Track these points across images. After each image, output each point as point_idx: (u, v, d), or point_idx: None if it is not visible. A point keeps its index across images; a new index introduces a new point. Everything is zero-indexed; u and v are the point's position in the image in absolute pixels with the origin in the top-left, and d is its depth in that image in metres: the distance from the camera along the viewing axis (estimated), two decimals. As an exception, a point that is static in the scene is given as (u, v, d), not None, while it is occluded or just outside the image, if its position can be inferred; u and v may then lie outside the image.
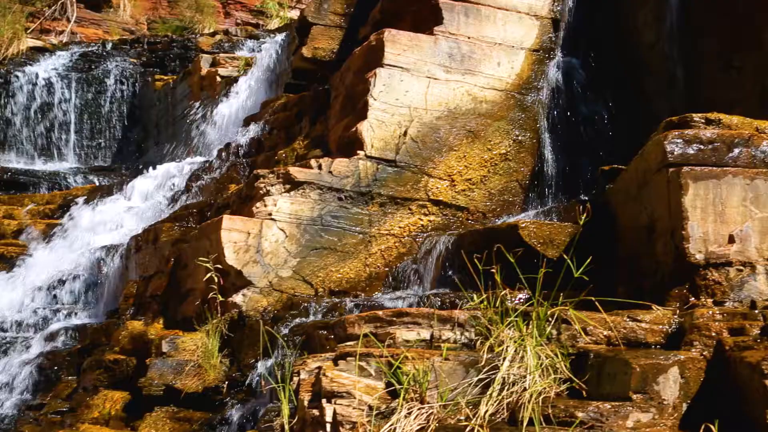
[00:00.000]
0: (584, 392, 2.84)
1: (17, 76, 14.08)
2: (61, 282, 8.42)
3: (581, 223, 3.49)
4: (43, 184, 12.80)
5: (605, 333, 3.22)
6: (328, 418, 2.87)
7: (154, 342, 5.68)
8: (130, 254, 7.78)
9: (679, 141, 3.74)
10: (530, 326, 3.09)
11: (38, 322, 7.97)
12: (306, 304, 5.29)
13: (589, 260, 3.17)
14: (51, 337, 7.54)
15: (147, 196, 9.44)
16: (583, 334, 3.17)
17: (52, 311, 8.14)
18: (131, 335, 6.20)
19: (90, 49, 15.07)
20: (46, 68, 14.30)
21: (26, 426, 6.04)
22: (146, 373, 5.39)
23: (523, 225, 4.81)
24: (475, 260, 3.41)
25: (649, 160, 4.01)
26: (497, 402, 2.80)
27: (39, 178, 12.92)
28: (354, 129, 5.99)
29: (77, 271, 8.47)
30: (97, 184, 12.31)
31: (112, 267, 8.05)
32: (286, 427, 3.13)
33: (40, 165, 13.86)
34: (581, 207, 3.70)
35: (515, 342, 2.99)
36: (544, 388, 2.79)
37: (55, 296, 8.36)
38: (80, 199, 10.77)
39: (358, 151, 5.92)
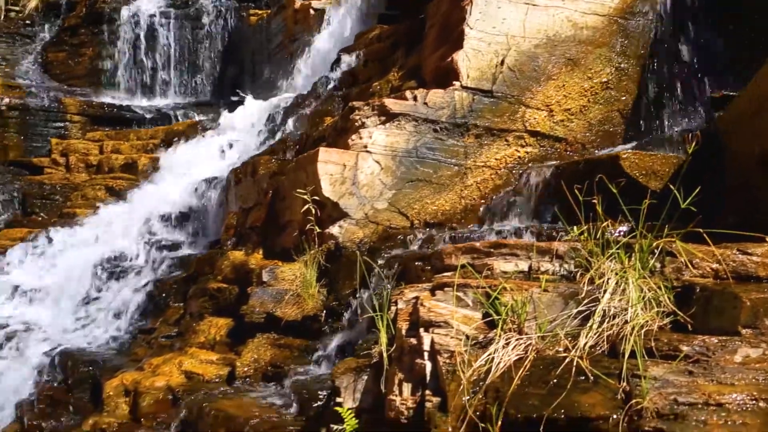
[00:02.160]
0: (689, 326, 2.76)
1: (119, 14, 14.44)
2: (166, 214, 8.76)
3: (690, 152, 3.33)
4: (145, 119, 13.23)
5: (713, 266, 3.10)
6: (426, 347, 2.89)
7: (254, 271, 5.86)
8: (230, 187, 7.99)
9: (799, 64, 3.50)
10: (632, 258, 3.01)
11: (146, 251, 8.35)
12: (402, 236, 5.32)
13: (697, 190, 3.04)
14: (158, 266, 7.90)
15: (244, 130, 9.62)
16: (690, 266, 3.06)
17: (159, 241, 8.49)
18: (233, 265, 6.41)
19: (187, -15, 15.25)
20: (146, 5, 14.60)
21: (139, 348, 6.40)
22: (248, 301, 5.58)
23: (625, 156, 4.64)
24: (576, 191, 3.32)
25: (763, 87, 3.77)
26: (597, 334, 2.75)
27: (142, 114, 13.35)
28: (449, 59, 5.88)
29: (180, 203, 8.78)
30: (197, 119, 12.62)
31: (213, 199, 8.30)
32: (385, 355, 3.18)
33: (142, 101, 14.30)
34: (690, 136, 3.53)
35: (617, 274, 2.92)
36: (647, 321, 2.72)
37: (161, 227, 8.71)
38: (181, 134, 11.10)
39: (454, 82, 5.81)
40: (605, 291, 2.85)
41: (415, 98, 5.76)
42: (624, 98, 6.05)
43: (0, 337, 7.69)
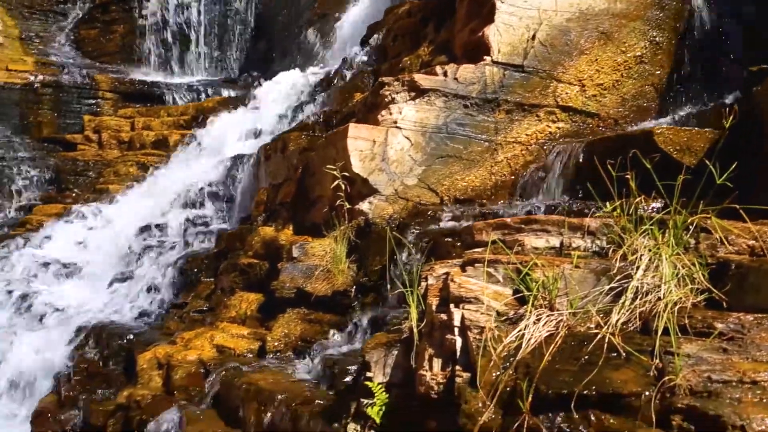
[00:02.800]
0: (724, 303, 2.72)
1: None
2: (197, 190, 8.82)
3: (726, 126, 3.27)
4: (176, 95, 13.31)
5: (749, 243, 3.04)
6: (456, 322, 2.89)
7: (284, 247, 5.90)
8: (260, 163, 8.02)
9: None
10: (666, 235, 2.96)
11: (178, 227, 8.44)
12: (432, 212, 5.31)
13: (734, 166, 2.99)
14: (190, 241, 7.99)
15: (274, 106, 9.64)
16: (725, 243, 3.01)
17: (190, 217, 8.57)
18: (263, 240, 6.46)
19: (216, -40, 15.26)
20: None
21: (171, 322, 6.49)
22: (278, 276, 5.62)
23: (659, 131, 4.57)
24: (609, 166, 3.28)
25: (803, 59, 3.68)
26: (629, 311, 2.72)
27: (172, 90, 13.44)
28: (480, 34, 5.82)
29: (211, 179, 8.84)
30: (226, 95, 12.68)
31: (243, 175, 8.35)
32: (415, 330, 3.18)
33: (172, 77, 14.38)
34: (726, 110, 3.46)
35: (650, 251, 2.88)
36: (680, 298, 2.69)
37: (192, 203, 8.79)
38: (211, 110, 11.15)
39: (485, 57, 5.75)
40: (638, 267, 2.81)
41: (445, 73, 5.72)
42: (658, 72, 5.94)
43: (36, 311, 7.84)
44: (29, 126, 12.48)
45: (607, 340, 2.57)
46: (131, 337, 6.43)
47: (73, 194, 11.14)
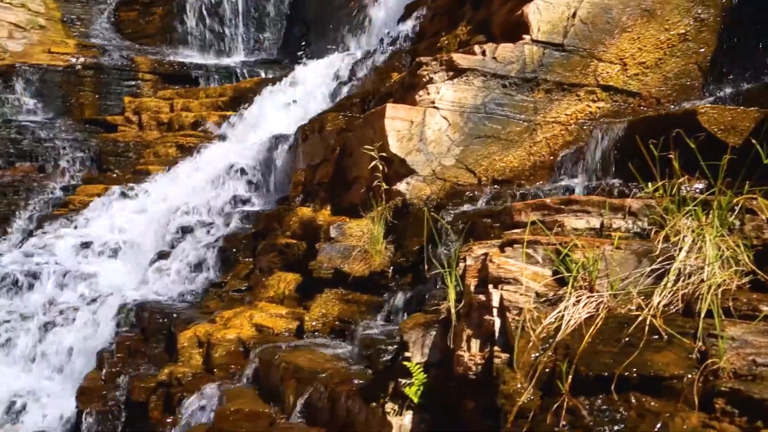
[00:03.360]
0: (769, 286, 2.67)
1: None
2: (235, 170, 8.89)
3: (774, 105, 3.19)
4: (214, 77, 13.40)
5: (796, 224, 2.98)
6: (495, 303, 2.88)
7: (322, 228, 5.92)
8: (297, 144, 8.05)
9: None
10: (710, 216, 2.91)
11: (217, 208, 8.52)
12: (469, 193, 5.29)
13: (782, 145, 2.91)
14: (229, 222, 8.07)
15: (311, 87, 9.65)
16: (771, 224, 2.95)
17: (229, 198, 8.65)
18: (301, 221, 6.49)
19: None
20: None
21: (211, 301, 6.58)
22: (316, 256, 5.65)
23: (703, 110, 4.48)
24: (651, 146, 3.22)
25: None
26: (671, 293, 2.68)
27: (210, 72, 13.52)
28: (519, 12, 5.74)
29: (249, 160, 8.90)
30: (264, 76, 12.72)
31: (281, 156, 8.39)
32: (453, 310, 3.18)
33: (210, 59, 14.46)
34: (773, 88, 3.37)
35: (693, 232, 2.83)
36: (724, 280, 2.64)
37: (230, 184, 8.87)
38: (249, 92, 11.20)
39: (524, 36, 5.68)
40: (681, 249, 2.76)
41: (483, 53, 5.66)
42: (703, 50, 5.82)
43: (80, 289, 8.00)
44: (71, 108, 12.67)
45: (648, 322, 2.54)
46: (172, 315, 6.53)
47: (114, 175, 11.31)
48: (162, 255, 8.05)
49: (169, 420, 4.89)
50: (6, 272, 8.50)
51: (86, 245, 8.93)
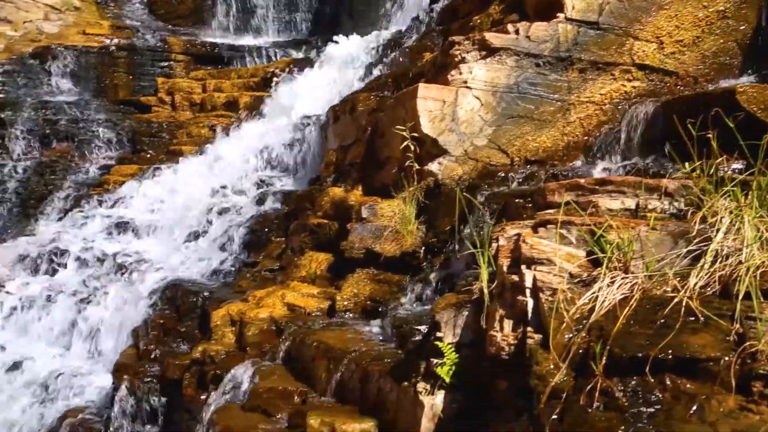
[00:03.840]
0: (810, 268, 2.62)
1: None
2: (267, 151, 8.93)
3: (817, 83, 3.11)
4: (246, 57, 13.42)
5: (838, 205, 2.91)
6: (528, 283, 2.87)
7: (354, 208, 5.93)
8: (328, 124, 8.05)
9: None
10: (749, 196, 2.86)
11: (249, 188, 8.57)
12: (502, 173, 5.25)
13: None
14: (260, 202, 8.12)
15: (343, 68, 9.63)
16: (813, 205, 2.89)
17: (260, 178, 8.70)
18: (332, 201, 6.51)
19: None
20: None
21: (243, 281, 6.63)
22: (347, 237, 5.66)
23: (742, 89, 4.39)
24: (689, 125, 3.16)
25: None
26: (708, 274, 2.65)
27: (242, 52, 13.55)
28: (553, -10, 5.66)
29: (281, 140, 8.93)
30: (295, 57, 12.72)
31: (312, 136, 8.40)
32: (486, 291, 3.17)
33: (242, 40, 14.49)
34: (816, 66, 3.29)
35: (731, 213, 2.79)
36: (763, 262, 2.59)
37: (262, 164, 8.91)
38: (280, 72, 11.21)
39: (558, 14, 5.60)
40: (718, 230, 2.72)
41: (516, 32, 5.60)
42: (742, 28, 5.69)
43: (114, 268, 8.12)
44: (105, 88, 12.79)
45: (684, 303, 2.51)
46: (205, 294, 6.60)
47: (148, 155, 11.41)
48: (195, 234, 8.13)
49: (202, 397, 4.96)
50: (43, 251, 8.65)
51: (120, 225, 9.04)
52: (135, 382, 5.82)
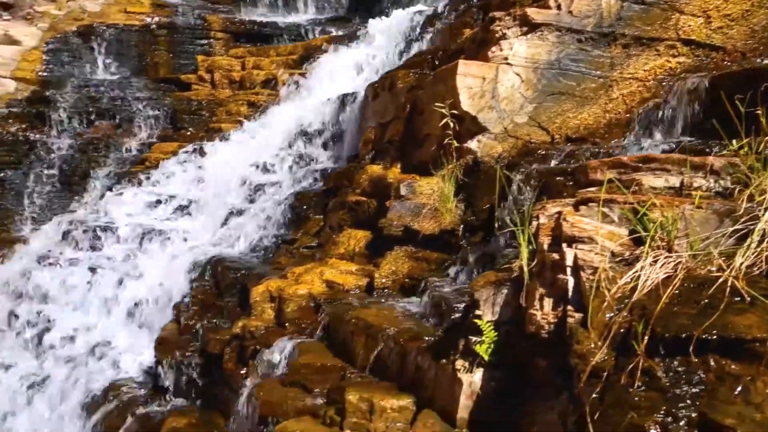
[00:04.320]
0: None
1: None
2: (306, 128, 8.94)
3: None
4: (284, 35, 13.42)
5: None
6: (569, 262, 2.84)
7: (392, 185, 5.92)
8: (367, 102, 8.02)
9: None
10: (799, 175, 2.79)
11: (288, 165, 8.60)
12: (542, 151, 5.19)
13: None
14: (299, 179, 8.14)
15: (382, 44, 9.57)
16: None
17: (299, 155, 8.72)
18: (371, 179, 6.50)
19: None
20: None
21: (282, 258, 6.68)
22: (386, 214, 5.66)
23: (792, 64, 4.27)
24: (737, 102, 3.09)
25: None
26: (755, 254, 2.59)
27: (281, 30, 13.54)
28: (597, -37, 5.54)
29: (320, 118, 8.92)
30: (334, 34, 12.67)
31: (351, 114, 8.38)
32: (525, 269, 3.15)
33: (281, 17, 14.48)
34: None
35: (780, 191, 2.72)
36: (812, 242, 2.54)
37: (301, 142, 8.93)
38: (319, 49, 11.19)
39: (601, -12, 5.50)
40: (766, 209, 2.66)
41: (558, 7, 5.51)
42: (793, 1, 5.52)
43: (156, 244, 8.24)
44: (146, 67, 12.91)
45: (729, 283, 2.47)
46: (244, 270, 6.66)
47: (188, 133, 11.50)
48: (234, 212, 8.20)
49: (242, 372, 5.03)
50: (86, 227, 8.80)
51: (161, 201, 9.16)
52: (176, 357, 5.92)
